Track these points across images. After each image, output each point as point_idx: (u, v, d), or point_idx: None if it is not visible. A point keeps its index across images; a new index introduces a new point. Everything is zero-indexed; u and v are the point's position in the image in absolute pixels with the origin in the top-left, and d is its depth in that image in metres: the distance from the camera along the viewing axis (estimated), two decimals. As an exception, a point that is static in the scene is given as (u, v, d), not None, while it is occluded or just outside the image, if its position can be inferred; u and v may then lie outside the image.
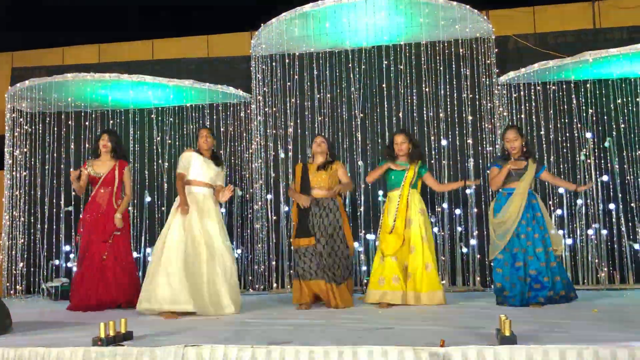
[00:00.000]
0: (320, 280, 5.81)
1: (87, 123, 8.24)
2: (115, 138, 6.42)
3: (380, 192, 7.61)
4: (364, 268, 7.54)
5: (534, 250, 5.63)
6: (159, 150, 8.23)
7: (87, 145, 8.15)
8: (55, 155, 8.28)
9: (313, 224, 5.93)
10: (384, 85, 7.82)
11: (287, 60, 7.98)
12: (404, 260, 5.84)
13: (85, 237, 6.22)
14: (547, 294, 5.52)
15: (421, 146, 6.57)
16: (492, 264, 5.98)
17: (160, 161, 8.20)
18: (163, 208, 8.15)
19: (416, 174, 6.00)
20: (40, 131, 8.36)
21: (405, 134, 6.10)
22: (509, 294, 5.56)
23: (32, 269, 8.10)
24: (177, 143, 8.26)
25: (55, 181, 8.22)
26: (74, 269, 7.72)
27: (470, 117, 7.64)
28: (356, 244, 7.59)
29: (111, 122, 8.27)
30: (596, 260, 7.25)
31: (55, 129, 8.31)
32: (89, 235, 6.19)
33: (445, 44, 7.72)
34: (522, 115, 7.60)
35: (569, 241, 7.30)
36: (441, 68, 7.69)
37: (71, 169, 6.62)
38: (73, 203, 8.05)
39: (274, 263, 7.69)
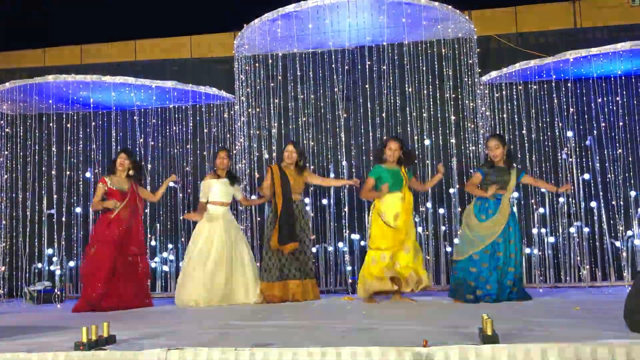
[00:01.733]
0: (298, 280, 6.33)
1: (68, 125, 8.17)
2: (132, 158, 6.62)
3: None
4: (348, 268, 7.55)
5: (518, 252, 5.80)
6: (142, 152, 8.18)
7: (68, 147, 8.08)
8: (37, 157, 8.20)
9: (296, 228, 6.32)
10: (367, 86, 7.84)
11: (270, 61, 7.97)
12: (396, 258, 5.98)
13: (112, 251, 6.28)
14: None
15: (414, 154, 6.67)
16: (455, 262, 5.96)
17: (143, 163, 8.13)
18: (146, 210, 8.09)
19: (408, 178, 6.22)
20: (22, 133, 8.28)
21: (401, 142, 6.26)
22: (481, 294, 5.66)
23: (14, 273, 8.02)
24: (160, 145, 8.21)
25: (37, 184, 8.13)
26: (57, 272, 7.69)
27: (453, 117, 7.68)
28: (341, 244, 7.62)
29: (93, 124, 8.21)
30: (578, 258, 7.31)
31: (37, 131, 8.24)
32: (118, 250, 6.31)
33: (428, 44, 7.75)
34: (504, 115, 7.66)
35: (551, 239, 7.36)
36: (424, 68, 7.72)
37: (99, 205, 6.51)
38: (55, 206, 7.99)
39: (258, 264, 7.65)
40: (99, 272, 6.23)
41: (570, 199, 7.40)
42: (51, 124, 8.23)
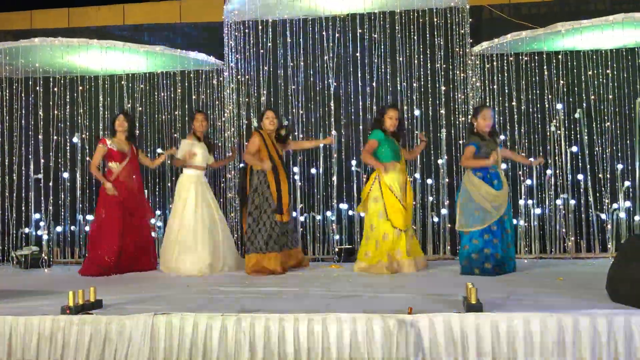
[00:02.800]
0: (299, 247, 6.47)
1: (55, 89, 8.07)
2: (130, 119, 6.80)
3: (354, 162, 7.62)
4: (336, 237, 7.58)
5: (512, 228, 5.90)
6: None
7: (55, 112, 7.99)
8: (23, 122, 8.11)
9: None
10: (357, 54, 7.77)
11: (260, 27, 7.88)
12: (410, 236, 6.06)
13: (120, 213, 6.48)
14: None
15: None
16: (470, 232, 5.76)
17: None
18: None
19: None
20: (7, 97, 8.17)
21: (399, 110, 6.24)
22: (490, 267, 5.59)
23: (1, 238, 7.99)
24: (147, 110, 8.14)
25: (23, 148, 8.06)
26: (44, 237, 7.66)
27: (443, 88, 7.66)
28: (329, 213, 7.65)
29: (80, 88, 8.11)
30: (563, 230, 7.39)
31: (23, 95, 8.13)
32: (124, 211, 6.52)
33: (420, 13, 7.69)
34: (495, 86, 7.63)
35: (538, 211, 7.41)
36: (415, 37, 7.66)
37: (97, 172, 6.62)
38: (42, 171, 7.94)
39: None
40: (110, 235, 6.40)
41: (557, 171, 7.44)
42: (38, 88, 8.13)
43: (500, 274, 5.53)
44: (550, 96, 7.53)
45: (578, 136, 7.52)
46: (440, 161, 7.59)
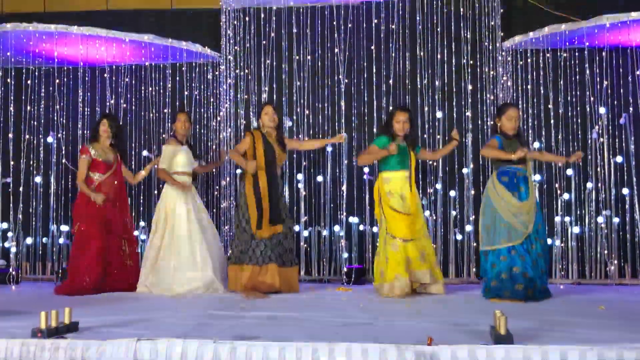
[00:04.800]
0: (281, 267, 6.22)
1: (29, 82, 8.11)
2: (115, 124, 6.83)
3: (366, 170, 7.62)
4: (345, 255, 7.57)
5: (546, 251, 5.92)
6: (112, 114, 8.13)
7: (28, 108, 8.03)
8: (-8, 118, 8.16)
9: (280, 206, 6.33)
10: (372, 47, 7.80)
11: (262, 15, 7.91)
12: (421, 246, 6.08)
13: (99, 228, 6.51)
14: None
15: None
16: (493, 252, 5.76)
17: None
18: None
19: (415, 156, 6.26)
20: (-25, 90, 8.23)
21: (409, 112, 6.26)
22: (522, 289, 5.51)
23: (-36, 249, 8.03)
24: (133, 107, 8.17)
25: (-9, 148, 8.10)
26: (12, 249, 7.67)
27: (469, 87, 7.66)
28: (337, 228, 7.64)
29: (57, 81, 8.15)
30: (605, 252, 7.35)
31: (-8, 87, 8.19)
32: (105, 226, 6.55)
33: (444, 2, 7.72)
34: (528, 86, 7.63)
35: (576, 229, 7.39)
36: (438, 29, 7.69)
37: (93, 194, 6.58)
38: (11, 174, 7.96)
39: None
40: (89, 253, 6.42)
41: (599, 184, 7.41)
42: (9, 80, 8.15)
43: (532, 300, 5.49)
44: (592, 98, 7.52)
45: (623, 144, 7.50)
46: (465, 170, 7.59)
